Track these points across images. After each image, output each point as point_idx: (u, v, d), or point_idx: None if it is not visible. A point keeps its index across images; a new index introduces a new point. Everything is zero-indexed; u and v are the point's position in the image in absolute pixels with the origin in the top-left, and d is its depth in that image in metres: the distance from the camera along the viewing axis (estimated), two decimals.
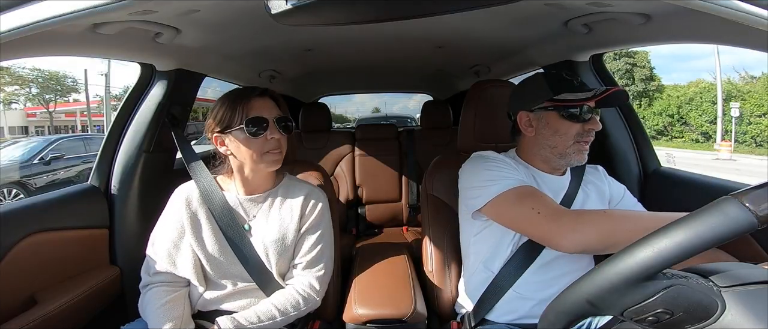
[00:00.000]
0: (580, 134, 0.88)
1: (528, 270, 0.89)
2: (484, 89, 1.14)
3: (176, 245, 0.91)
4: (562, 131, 0.89)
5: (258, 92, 0.91)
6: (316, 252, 0.96)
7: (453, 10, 0.75)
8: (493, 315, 0.92)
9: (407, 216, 2.24)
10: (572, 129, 0.88)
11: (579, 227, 0.72)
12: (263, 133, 0.88)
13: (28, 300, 0.94)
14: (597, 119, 0.89)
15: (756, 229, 0.37)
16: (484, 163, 0.92)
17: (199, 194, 0.94)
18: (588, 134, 0.88)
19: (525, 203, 0.81)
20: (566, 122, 0.88)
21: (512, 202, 0.83)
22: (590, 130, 0.88)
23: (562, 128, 0.89)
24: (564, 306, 0.48)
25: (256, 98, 0.90)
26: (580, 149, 0.89)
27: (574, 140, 0.88)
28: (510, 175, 0.87)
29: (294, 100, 2.65)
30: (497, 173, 0.88)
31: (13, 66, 18.82)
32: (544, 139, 0.91)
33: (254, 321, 0.86)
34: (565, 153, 0.90)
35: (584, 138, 0.88)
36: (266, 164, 0.90)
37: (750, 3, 0.54)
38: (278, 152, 0.91)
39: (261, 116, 0.88)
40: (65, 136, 9.34)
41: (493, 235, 0.93)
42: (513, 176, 0.87)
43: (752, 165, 11.31)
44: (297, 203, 0.96)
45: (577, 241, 0.72)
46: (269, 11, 0.60)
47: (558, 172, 0.96)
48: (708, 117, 16.59)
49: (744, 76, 17.74)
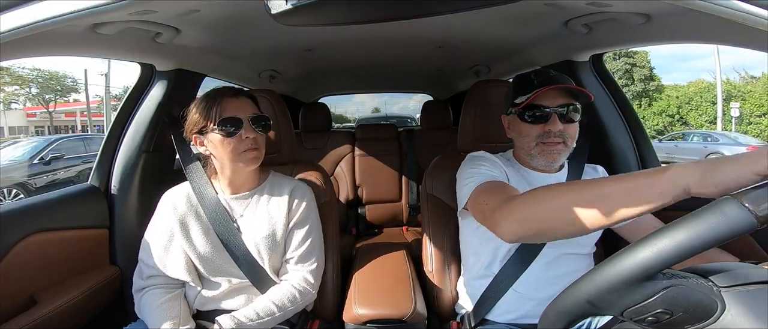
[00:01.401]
0: (540, 136, 0.88)
1: (528, 269, 0.89)
2: (484, 89, 1.14)
3: (167, 248, 0.92)
4: (524, 132, 0.91)
5: (231, 93, 0.92)
6: (307, 245, 0.97)
7: (453, 10, 0.75)
8: (493, 315, 0.92)
9: (407, 216, 2.24)
10: (532, 131, 0.89)
11: (508, 215, 0.66)
12: (238, 132, 0.88)
13: (28, 300, 0.94)
14: (558, 118, 0.86)
15: (756, 229, 0.38)
16: (471, 160, 0.94)
17: (189, 195, 0.96)
18: (548, 135, 0.87)
19: (480, 197, 0.79)
20: (525, 124, 0.90)
21: (479, 197, 0.81)
22: (549, 131, 0.87)
23: (523, 130, 0.91)
24: (564, 305, 0.48)
25: (229, 99, 0.90)
26: (543, 150, 0.89)
27: (536, 142, 0.89)
28: (485, 171, 0.87)
29: (294, 100, 2.65)
30: (475, 169, 0.88)
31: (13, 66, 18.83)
32: (516, 141, 0.95)
33: (254, 319, 0.87)
34: (531, 154, 0.91)
35: (545, 139, 0.88)
36: (244, 163, 0.91)
37: (750, 3, 0.54)
38: (255, 150, 0.91)
39: (234, 116, 0.89)
40: (65, 136, 9.34)
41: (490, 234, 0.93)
42: (488, 172, 0.86)
43: None
44: (284, 199, 0.97)
45: (508, 230, 0.66)
46: (269, 11, 0.60)
47: (550, 171, 0.95)
48: (708, 117, 16.59)
49: (744, 76, 17.75)
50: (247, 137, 0.89)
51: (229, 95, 0.91)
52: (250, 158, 0.91)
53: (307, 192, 1.01)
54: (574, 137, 0.90)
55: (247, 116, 0.90)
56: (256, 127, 0.91)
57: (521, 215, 0.64)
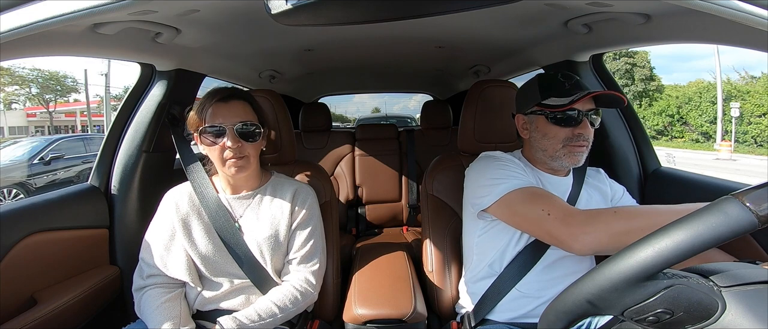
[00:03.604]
0: (569, 138, 0.88)
1: (532, 269, 0.89)
2: (484, 89, 1.14)
3: (167, 248, 0.92)
4: (551, 135, 0.89)
5: (220, 97, 0.90)
6: (309, 246, 0.97)
7: (453, 10, 0.75)
8: (493, 315, 0.92)
9: (407, 216, 2.24)
10: (560, 133, 0.88)
11: (589, 228, 0.70)
12: (220, 141, 0.87)
13: (28, 300, 0.94)
14: (588, 123, 0.87)
15: (757, 229, 0.37)
16: (493, 161, 0.93)
17: (191, 195, 0.96)
18: (578, 138, 0.87)
19: (535, 203, 0.80)
20: (554, 126, 0.89)
21: (520, 202, 0.82)
22: (579, 135, 0.87)
23: (550, 132, 0.89)
24: (564, 305, 0.48)
25: (218, 103, 0.89)
26: (570, 151, 0.88)
27: (563, 144, 0.88)
28: (518, 175, 0.87)
29: (294, 100, 2.65)
30: (505, 171, 0.88)
31: (13, 66, 18.85)
32: (536, 142, 0.92)
33: (255, 319, 0.86)
34: (556, 156, 0.90)
35: (574, 142, 0.87)
36: (228, 170, 0.90)
37: (750, 3, 0.54)
38: (239, 159, 0.89)
39: (215, 124, 0.87)
40: (65, 136, 9.35)
41: (498, 235, 0.93)
42: (520, 176, 0.87)
43: (752, 165, 11.30)
44: (286, 200, 0.97)
45: (589, 243, 0.70)
46: (269, 11, 0.60)
47: (560, 173, 0.96)
48: (708, 117, 16.59)
49: (744, 76, 17.75)
50: (228, 146, 0.87)
51: (219, 99, 0.89)
52: (232, 166, 0.89)
53: (310, 194, 1.01)
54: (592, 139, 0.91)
55: (232, 124, 0.88)
56: (242, 137, 0.88)
57: (606, 229, 0.69)
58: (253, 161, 0.93)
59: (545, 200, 0.80)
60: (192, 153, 1.04)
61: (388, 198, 2.25)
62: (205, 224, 0.93)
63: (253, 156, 0.92)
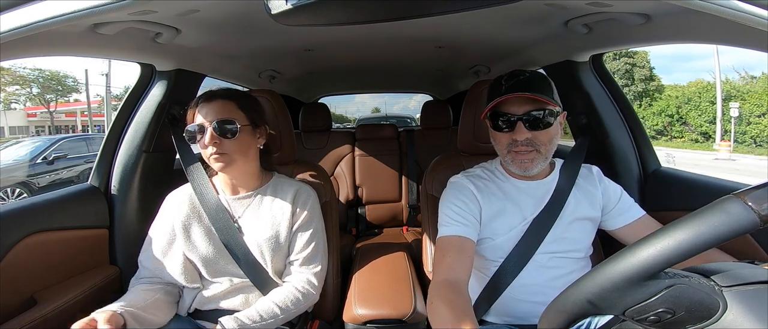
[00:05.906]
0: (510, 144, 0.86)
1: (524, 271, 0.88)
2: (484, 89, 1.14)
3: (165, 252, 0.93)
4: (496, 140, 0.89)
5: (206, 97, 0.92)
6: (311, 248, 0.96)
7: (453, 10, 0.75)
8: (491, 316, 0.92)
9: (407, 216, 2.24)
10: (502, 139, 0.87)
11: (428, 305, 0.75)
12: (200, 139, 0.89)
13: (28, 300, 0.94)
14: (524, 126, 0.82)
15: (758, 228, 0.37)
16: (447, 196, 0.94)
17: (192, 196, 0.96)
18: (516, 144, 0.84)
19: (441, 256, 0.84)
20: (495, 132, 0.88)
21: (438, 248, 0.86)
22: (515, 140, 0.84)
23: (495, 138, 0.90)
24: (565, 305, 0.48)
25: (203, 103, 0.91)
26: (514, 158, 0.87)
27: (507, 150, 0.87)
28: (452, 220, 0.88)
29: (294, 100, 2.65)
30: (448, 212, 0.90)
31: (14, 66, 18.87)
32: (495, 147, 0.92)
33: (257, 320, 0.86)
34: (506, 161, 0.90)
35: (515, 147, 0.85)
36: (215, 167, 0.91)
37: (750, 3, 0.54)
38: (220, 155, 0.89)
39: (198, 123, 0.90)
40: (68, 136, 9.40)
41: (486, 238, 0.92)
42: (455, 220, 0.88)
43: (752, 165, 11.29)
44: (287, 201, 0.97)
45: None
46: (269, 11, 0.60)
47: (537, 177, 0.93)
48: (707, 117, 16.58)
49: (744, 76, 17.76)
50: (206, 144, 0.88)
51: (204, 99, 0.92)
52: (214, 162, 0.90)
53: (311, 195, 1.01)
54: (548, 143, 0.86)
55: (211, 121, 0.88)
56: (221, 134, 0.89)
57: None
58: (239, 158, 0.92)
59: (442, 259, 0.83)
60: (192, 153, 1.04)
61: (388, 198, 2.25)
62: (205, 225, 0.94)
63: (237, 153, 0.91)
